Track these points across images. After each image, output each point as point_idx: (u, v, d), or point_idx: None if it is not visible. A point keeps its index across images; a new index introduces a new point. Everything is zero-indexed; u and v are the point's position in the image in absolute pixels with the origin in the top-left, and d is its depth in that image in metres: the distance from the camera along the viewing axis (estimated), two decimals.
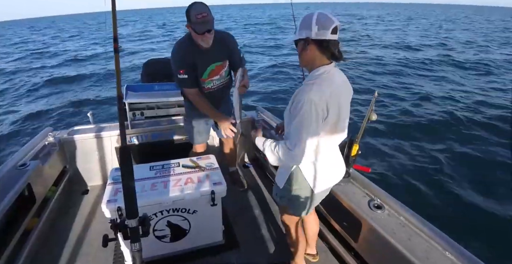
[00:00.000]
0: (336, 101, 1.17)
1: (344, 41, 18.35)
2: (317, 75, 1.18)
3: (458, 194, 3.95)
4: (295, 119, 1.15)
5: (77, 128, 2.60)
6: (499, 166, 4.62)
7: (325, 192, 1.45)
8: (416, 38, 20.69)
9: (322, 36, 1.13)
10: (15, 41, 28.23)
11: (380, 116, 6.23)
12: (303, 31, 1.16)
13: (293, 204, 1.43)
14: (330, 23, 1.12)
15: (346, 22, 34.99)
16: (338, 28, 1.15)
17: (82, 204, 2.40)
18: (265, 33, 25.09)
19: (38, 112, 7.50)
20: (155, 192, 1.61)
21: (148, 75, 3.24)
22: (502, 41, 19.61)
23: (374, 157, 4.79)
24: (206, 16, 1.68)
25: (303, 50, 1.20)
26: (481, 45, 17.71)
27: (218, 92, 2.11)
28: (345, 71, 5.12)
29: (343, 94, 1.23)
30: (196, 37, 1.80)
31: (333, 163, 1.40)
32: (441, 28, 29.24)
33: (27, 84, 10.38)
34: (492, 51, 15.71)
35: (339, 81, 1.23)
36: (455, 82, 9.67)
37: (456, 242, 1.29)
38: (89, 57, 15.67)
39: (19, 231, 1.78)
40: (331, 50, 1.16)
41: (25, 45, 23.51)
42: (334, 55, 1.18)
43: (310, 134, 1.15)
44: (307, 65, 1.25)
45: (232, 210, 2.27)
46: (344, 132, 1.35)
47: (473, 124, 6.25)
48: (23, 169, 1.95)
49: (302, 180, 1.33)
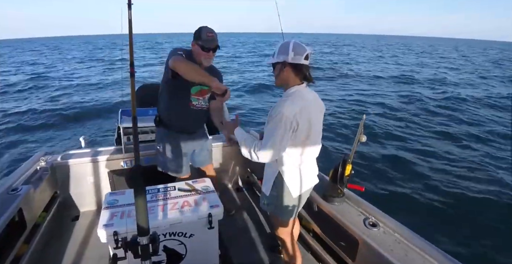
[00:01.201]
0: (307, 116, 1.35)
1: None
2: (290, 93, 1.39)
3: (451, 208, 4.08)
4: (268, 126, 1.35)
5: (69, 153, 2.58)
6: (493, 181, 4.83)
7: (305, 195, 1.62)
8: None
9: (297, 60, 1.34)
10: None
11: (372, 137, 6.49)
12: (281, 56, 1.36)
13: (280, 209, 1.57)
14: (304, 50, 1.34)
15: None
16: (309, 55, 1.36)
17: (74, 230, 2.33)
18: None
19: (29, 136, 7.39)
20: (152, 216, 1.60)
21: (141, 100, 3.29)
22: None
23: (368, 176, 4.91)
24: (215, 36, 1.88)
25: (280, 71, 1.40)
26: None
27: (199, 113, 2.12)
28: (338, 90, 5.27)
29: (313, 110, 1.41)
30: (199, 55, 1.90)
31: (309, 171, 1.57)
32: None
33: (20, 106, 10.25)
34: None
35: (310, 98, 1.42)
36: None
37: (452, 257, 1.32)
38: (83, 84, 15.65)
39: (10, 257, 1.71)
40: (304, 72, 1.38)
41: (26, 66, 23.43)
42: (306, 77, 1.40)
43: (278, 141, 1.32)
44: (282, 84, 1.45)
45: (228, 233, 2.24)
46: (318, 145, 1.53)
47: (470, 137, 6.73)
48: (14, 194, 1.90)
49: (284, 185, 1.49)
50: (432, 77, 16.88)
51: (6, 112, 9.66)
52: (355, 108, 9.45)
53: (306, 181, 1.56)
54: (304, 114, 1.32)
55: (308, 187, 1.60)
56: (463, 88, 13.73)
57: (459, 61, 29.01)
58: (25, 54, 36.00)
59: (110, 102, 10.54)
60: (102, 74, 18.30)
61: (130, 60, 1.07)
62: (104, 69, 20.13)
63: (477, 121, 8.45)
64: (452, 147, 6.34)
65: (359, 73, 17.90)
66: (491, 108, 10.21)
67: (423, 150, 6.14)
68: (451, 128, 7.59)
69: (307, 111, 1.34)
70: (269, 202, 1.59)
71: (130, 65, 1.08)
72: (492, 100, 11.39)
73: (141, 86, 3.47)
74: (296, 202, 1.57)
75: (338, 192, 1.83)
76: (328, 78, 15.55)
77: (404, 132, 7.21)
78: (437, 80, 15.91)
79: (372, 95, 11.68)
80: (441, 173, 5.10)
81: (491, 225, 3.74)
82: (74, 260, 2.01)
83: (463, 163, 5.52)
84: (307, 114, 1.34)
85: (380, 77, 16.29)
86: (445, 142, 6.58)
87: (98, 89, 13.37)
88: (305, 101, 1.36)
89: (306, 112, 1.34)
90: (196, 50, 1.91)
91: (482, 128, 7.81)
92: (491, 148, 6.41)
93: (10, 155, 6.26)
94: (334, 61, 24.05)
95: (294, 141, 1.38)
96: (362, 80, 15.58)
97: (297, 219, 1.88)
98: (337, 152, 5.78)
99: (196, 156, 2.33)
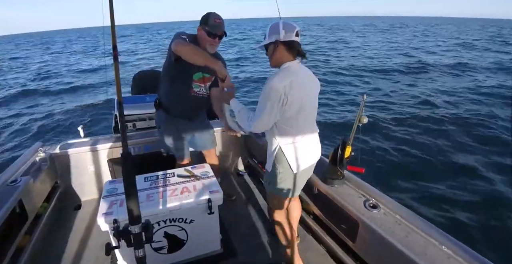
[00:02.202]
0: (298, 90, 1.36)
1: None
2: (282, 69, 1.43)
3: (450, 191, 4.08)
4: (260, 99, 1.40)
5: (68, 142, 2.57)
6: (493, 164, 4.80)
7: (306, 172, 1.61)
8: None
9: (289, 38, 1.38)
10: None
11: (373, 118, 6.43)
12: (273, 36, 1.40)
13: (279, 185, 1.57)
14: (294, 27, 1.39)
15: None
16: (299, 32, 1.41)
17: (75, 219, 2.35)
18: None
19: (26, 127, 7.39)
20: (151, 203, 1.60)
21: (138, 87, 3.25)
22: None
23: (368, 158, 4.90)
24: (222, 22, 1.85)
25: (274, 51, 1.43)
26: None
27: (200, 99, 2.10)
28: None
29: (307, 86, 1.44)
30: (205, 41, 1.85)
31: (309, 146, 1.56)
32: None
33: (15, 98, 10.23)
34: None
35: (303, 74, 1.44)
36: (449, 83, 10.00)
37: (452, 236, 1.32)
38: (80, 71, 15.53)
39: (11, 248, 1.72)
40: (297, 48, 1.41)
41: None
42: (300, 52, 1.43)
43: (267, 113, 1.37)
44: (277, 64, 1.47)
45: (228, 219, 2.26)
46: (312, 120, 1.55)
47: (469, 123, 6.53)
48: (14, 185, 1.90)
49: (284, 161, 1.50)
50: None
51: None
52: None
53: (306, 157, 1.55)
54: (294, 88, 1.34)
55: (309, 164, 1.58)
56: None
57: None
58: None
59: (107, 90, 10.48)
60: (93, 63, 18.07)
61: (113, 43, 1.02)
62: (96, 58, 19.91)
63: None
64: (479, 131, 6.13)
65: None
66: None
67: (434, 131, 6.03)
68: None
69: (298, 85, 1.36)
70: (270, 180, 1.60)
71: (112, 49, 1.03)
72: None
73: (138, 73, 3.42)
74: (295, 179, 1.56)
75: (338, 174, 1.82)
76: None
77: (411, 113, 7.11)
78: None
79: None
80: (448, 158, 5.03)
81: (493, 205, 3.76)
82: (76, 249, 2.03)
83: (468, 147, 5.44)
84: (297, 88, 1.35)
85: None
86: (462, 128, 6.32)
87: (93, 76, 13.29)
88: (296, 76, 1.37)
89: (297, 86, 1.35)
90: (201, 36, 1.86)
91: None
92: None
93: (5, 148, 6.27)
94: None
95: (286, 114, 1.40)
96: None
97: (299, 202, 1.89)
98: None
99: (197, 140, 2.31)
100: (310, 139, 1.55)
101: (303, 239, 2.07)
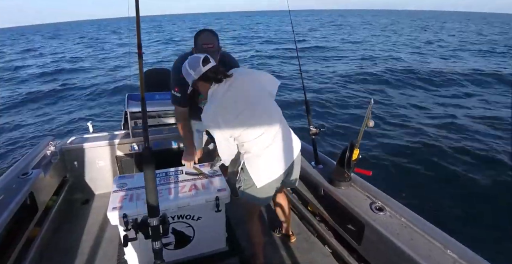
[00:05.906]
0: (224, 110, 1.42)
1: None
2: (209, 98, 1.48)
3: (458, 194, 4.05)
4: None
5: (77, 137, 2.61)
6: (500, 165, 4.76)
7: (275, 182, 1.57)
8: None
9: (199, 72, 1.43)
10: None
11: (380, 121, 6.41)
12: (189, 78, 1.49)
13: (250, 196, 1.60)
14: (198, 59, 1.43)
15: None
16: (208, 58, 1.45)
17: (84, 213, 2.39)
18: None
19: (38, 121, 7.51)
20: (161, 199, 1.60)
21: (148, 85, 3.27)
22: None
23: (375, 161, 4.89)
24: (211, 47, 1.67)
25: (199, 88, 1.52)
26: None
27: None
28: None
29: (239, 96, 1.44)
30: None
31: (275, 154, 1.52)
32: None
33: (27, 93, 10.35)
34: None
35: (223, 91, 1.43)
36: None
37: (456, 241, 1.33)
38: (89, 67, 15.65)
39: (22, 239, 1.77)
40: (212, 76, 1.44)
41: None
42: (216, 78, 1.43)
43: (222, 145, 1.50)
44: (206, 94, 1.51)
45: (234, 217, 2.28)
46: (268, 122, 1.48)
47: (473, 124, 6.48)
48: (25, 177, 1.95)
49: (249, 176, 1.54)
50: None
51: (12, 98, 9.79)
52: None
53: (272, 168, 1.53)
54: (219, 111, 1.41)
55: (276, 176, 1.54)
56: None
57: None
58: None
59: (117, 87, 10.57)
60: (110, 58, 18.22)
61: (138, 42, 1.06)
62: (111, 53, 20.06)
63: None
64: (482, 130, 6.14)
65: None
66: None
67: (440, 134, 6.00)
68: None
69: (223, 106, 1.42)
70: (240, 186, 1.64)
71: (137, 47, 1.06)
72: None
73: (147, 71, 3.45)
74: (262, 191, 1.57)
75: (345, 176, 1.82)
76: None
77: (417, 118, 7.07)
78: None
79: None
80: (455, 160, 5.00)
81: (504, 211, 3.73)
82: (84, 242, 2.08)
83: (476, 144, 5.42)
84: (223, 109, 1.42)
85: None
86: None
87: (105, 73, 13.40)
88: (217, 99, 1.43)
89: (221, 108, 1.42)
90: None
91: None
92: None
93: (18, 140, 6.39)
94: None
95: (235, 132, 1.44)
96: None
97: (284, 197, 1.94)
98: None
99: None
100: (275, 145, 1.50)
101: (308, 240, 2.08)
